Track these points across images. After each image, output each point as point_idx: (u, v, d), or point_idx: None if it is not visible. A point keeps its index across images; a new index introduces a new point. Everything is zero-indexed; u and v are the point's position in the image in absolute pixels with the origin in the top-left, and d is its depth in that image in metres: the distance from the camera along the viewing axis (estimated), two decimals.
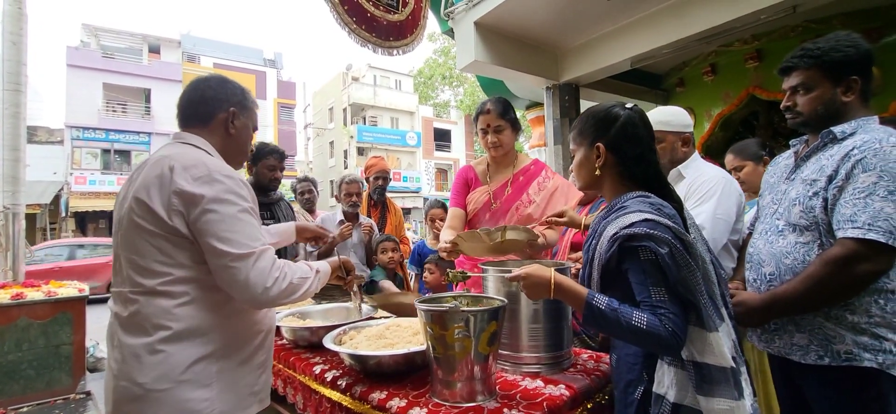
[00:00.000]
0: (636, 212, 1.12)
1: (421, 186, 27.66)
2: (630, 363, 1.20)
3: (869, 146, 1.26)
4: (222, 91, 1.39)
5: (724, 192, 1.80)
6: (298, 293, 1.29)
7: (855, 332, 1.27)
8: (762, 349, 1.50)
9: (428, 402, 1.25)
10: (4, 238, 4.13)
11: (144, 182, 1.21)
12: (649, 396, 1.13)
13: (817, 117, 1.40)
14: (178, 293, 1.19)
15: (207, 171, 1.20)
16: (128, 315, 1.19)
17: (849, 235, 1.23)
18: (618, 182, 1.26)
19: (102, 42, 22.00)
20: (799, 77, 1.41)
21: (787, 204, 1.42)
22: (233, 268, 1.17)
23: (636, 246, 1.08)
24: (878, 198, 1.21)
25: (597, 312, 1.10)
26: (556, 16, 4.25)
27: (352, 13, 3.77)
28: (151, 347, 1.16)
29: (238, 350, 1.28)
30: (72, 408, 3.67)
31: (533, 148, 7.16)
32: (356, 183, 3.41)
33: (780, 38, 4.51)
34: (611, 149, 1.24)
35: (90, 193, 19.09)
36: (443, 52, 23.86)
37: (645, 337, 1.05)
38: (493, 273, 1.52)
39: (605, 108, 1.27)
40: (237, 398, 1.27)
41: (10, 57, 4.19)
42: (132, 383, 1.16)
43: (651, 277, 1.07)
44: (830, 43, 1.36)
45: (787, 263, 1.38)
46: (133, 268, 1.20)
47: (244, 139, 1.44)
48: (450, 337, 1.20)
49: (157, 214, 1.17)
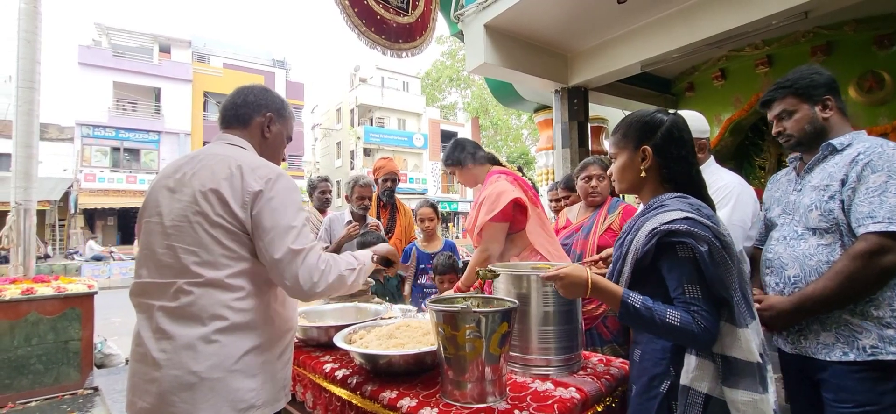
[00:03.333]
0: (676, 210, 1.17)
1: (427, 188, 27.69)
2: (657, 358, 1.21)
3: (873, 150, 1.37)
4: (263, 97, 1.48)
5: (740, 198, 1.83)
6: (346, 284, 1.37)
7: (880, 325, 1.32)
8: (788, 351, 1.52)
9: (438, 402, 1.25)
10: (16, 234, 4.18)
11: (212, 178, 1.26)
12: (674, 390, 1.15)
13: (807, 136, 1.52)
14: (237, 287, 1.24)
15: (272, 172, 1.30)
16: (179, 306, 1.21)
17: (871, 229, 1.30)
18: (658, 184, 1.31)
19: (114, 41, 22.24)
20: (780, 106, 1.56)
21: (803, 211, 1.48)
22: (287, 265, 1.24)
23: (675, 242, 1.13)
24: (891, 194, 1.30)
25: (632, 309, 1.15)
26: (566, 19, 4.24)
27: (362, 16, 3.79)
28: (207, 338, 1.20)
29: (277, 344, 1.34)
30: (79, 403, 3.71)
31: (540, 151, 7.15)
32: (369, 187, 3.42)
33: (790, 44, 4.49)
34: (656, 151, 1.28)
35: (99, 191, 19.28)
36: (450, 55, 23.93)
37: (679, 334, 1.10)
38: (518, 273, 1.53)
39: (648, 114, 1.33)
40: (275, 390, 1.32)
41: (25, 55, 4.24)
42: (186, 372, 1.18)
43: (687, 273, 1.12)
44: (797, 74, 1.53)
45: (812, 265, 1.43)
46: (194, 259, 1.23)
47: (278, 144, 1.53)
48: (461, 337, 1.20)
49: (232, 209, 1.23)
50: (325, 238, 3.38)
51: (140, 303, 1.29)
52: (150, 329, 1.24)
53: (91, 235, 18.74)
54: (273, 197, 1.26)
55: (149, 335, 1.23)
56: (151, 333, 1.23)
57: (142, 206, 1.37)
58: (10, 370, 3.62)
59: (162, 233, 1.27)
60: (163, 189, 1.31)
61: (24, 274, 4.17)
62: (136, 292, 1.30)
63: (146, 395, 1.21)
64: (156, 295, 1.25)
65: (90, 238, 17.74)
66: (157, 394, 1.19)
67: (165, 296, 1.23)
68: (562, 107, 5.13)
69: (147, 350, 1.22)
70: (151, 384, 1.20)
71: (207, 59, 24.33)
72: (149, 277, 1.28)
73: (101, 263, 14.08)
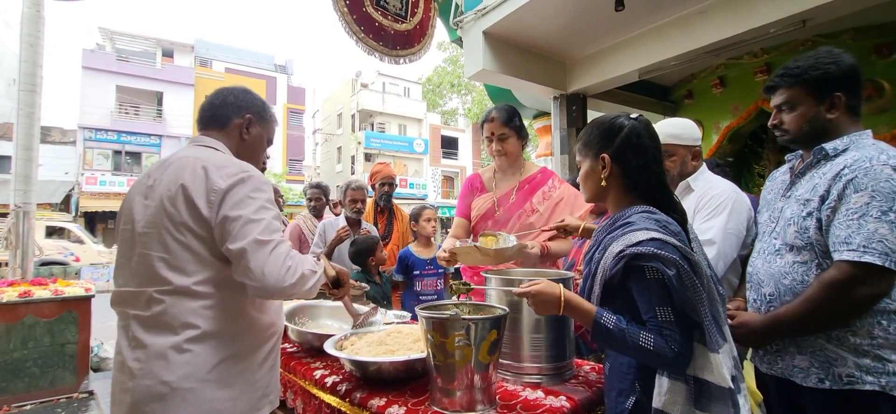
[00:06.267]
0: (643, 230, 1.12)
1: (427, 193, 27.69)
2: (622, 373, 1.19)
3: (859, 165, 1.24)
4: (243, 99, 1.45)
5: (734, 206, 1.78)
6: (307, 286, 1.29)
7: (857, 354, 1.25)
8: (765, 371, 1.47)
9: (427, 410, 1.24)
10: (14, 236, 4.18)
11: (177, 182, 1.22)
12: (641, 407, 1.13)
13: (803, 135, 1.40)
14: (207, 294, 1.21)
15: (238, 168, 1.26)
16: (151, 315, 1.19)
17: (845, 257, 1.21)
18: (622, 194, 1.26)
19: (117, 45, 22.38)
20: (782, 95, 1.42)
21: (783, 223, 1.41)
22: (252, 255, 1.17)
23: (643, 265, 1.08)
24: (871, 219, 1.19)
25: (604, 330, 1.12)
26: (564, 26, 4.26)
27: (360, 22, 3.80)
28: (179, 347, 1.17)
29: (256, 351, 1.31)
30: (75, 407, 3.69)
31: (539, 158, 7.15)
32: (361, 190, 3.42)
33: (789, 52, 4.49)
34: (615, 159, 1.23)
35: (100, 194, 19.32)
36: (451, 61, 24.03)
37: (651, 357, 1.07)
38: (497, 286, 1.52)
39: (609, 119, 1.27)
40: (255, 398, 1.29)
41: (27, 58, 4.26)
42: (157, 382, 1.15)
43: (657, 296, 1.08)
44: (810, 61, 1.35)
45: (786, 284, 1.36)
46: (163, 266, 1.20)
47: (258, 147, 1.49)
48: (450, 345, 1.20)
49: (198, 209, 1.20)
50: (320, 243, 3.38)
51: (118, 311, 1.28)
52: (126, 338, 1.23)
53: None
54: (241, 191, 1.22)
55: (125, 344, 1.22)
56: (127, 341, 1.22)
57: (118, 214, 1.35)
58: (5, 373, 3.60)
59: (133, 240, 1.25)
60: (137, 195, 1.29)
61: (22, 276, 4.17)
62: (115, 301, 1.29)
63: (121, 405, 1.20)
64: (131, 304, 1.24)
65: None
66: (131, 404, 1.17)
67: (139, 305, 1.22)
68: (560, 113, 5.14)
69: (124, 358, 1.21)
70: (126, 394, 1.19)
71: (210, 64, 24.42)
72: (125, 286, 1.26)
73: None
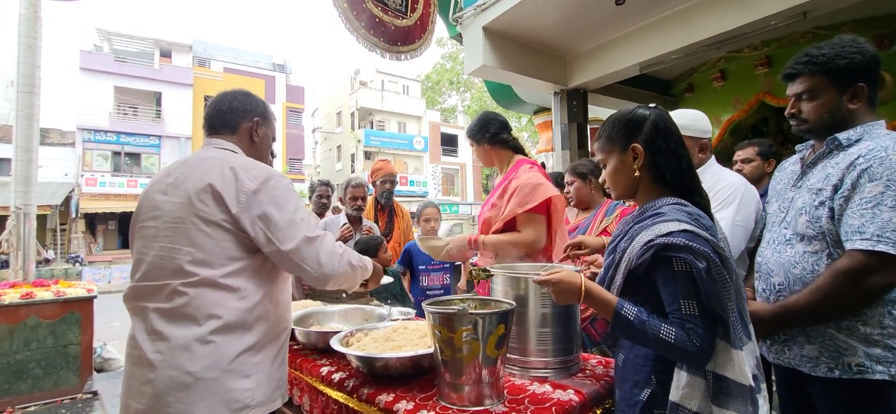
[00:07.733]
0: (674, 221, 1.09)
1: (427, 191, 27.68)
2: (638, 364, 1.18)
3: (874, 155, 1.23)
4: (247, 102, 1.52)
5: (743, 198, 1.78)
6: (352, 277, 1.46)
7: (867, 343, 1.24)
8: (772, 361, 1.47)
9: (435, 405, 1.24)
10: (15, 238, 4.18)
11: (205, 180, 1.27)
12: (656, 399, 1.12)
13: (823, 125, 1.37)
14: (232, 286, 1.26)
15: (263, 170, 1.33)
16: (173, 307, 1.22)
17: (858, 246, 1.20)
18: (651, 184, 1.23)
19: (115, 46, 22.30)
20: (803, 83, 1.38)
21: (794, 213, 1.39)
22: (306, 249, 1.29)
23: (671, 256, 1.06)
24: (886, 208, 1.18)
25: (625, 321, 1.10)
26: (564, 21, 4.25)
27: (360, 18, 3.80)
28: (203, 338, 1.21)
29: (272, 343, 1.35)
30: (78, 408, 3.69)
31: (540, 153, 7.15)
32: (362, 187, 3.42)
33: (790, 45, 4.49)
34: (647, 147, 1.20)
35: (100, 195, 19.29)
36: (451, 58, 23.95)
37: (671, 350, 1.05)
38: (505, 274, 1.52)
39: (629, 111, 1.25)
40: (270, 390, 1.33)
41: (25, 60, 4.26)
42: (181, 372, 1.19)
43: (683, 289, 1.06)
44: (835, 49, 1.32)
45: (796, 274, 1.35)
46: (188, 259, 1.24)
47: (266, 147, 1.57)
48: (458, 340, 1.19)
49: (228, 207, 1.25)
50: None
51: (134, 306, 1.29)
52: (144, 331, 1.24)
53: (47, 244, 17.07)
54: (274, 194, 1.30)
55: (144, 337, 1.24)
56: (146, 334, 1.24)
57: (135, 212, 1.38)
58: (9, 375, 3.61)
59: (156, 235, 1.28)
60: (156, 193, 1.33)
61: (24, 278, 4.17)
62: (130, 296, 1.31)
63: (141, 397, 1.22)
64: (150, 297, 1.26)
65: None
66: (153, 395, 1.20)
67: (160, 297, 1.24)
68: (561, 109, 5.13)
69: (142, 352, 1.22)
70: (146, 385, 1.21)
71: (208, 64, 24.37)
72: (143, 280, 1.28)
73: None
